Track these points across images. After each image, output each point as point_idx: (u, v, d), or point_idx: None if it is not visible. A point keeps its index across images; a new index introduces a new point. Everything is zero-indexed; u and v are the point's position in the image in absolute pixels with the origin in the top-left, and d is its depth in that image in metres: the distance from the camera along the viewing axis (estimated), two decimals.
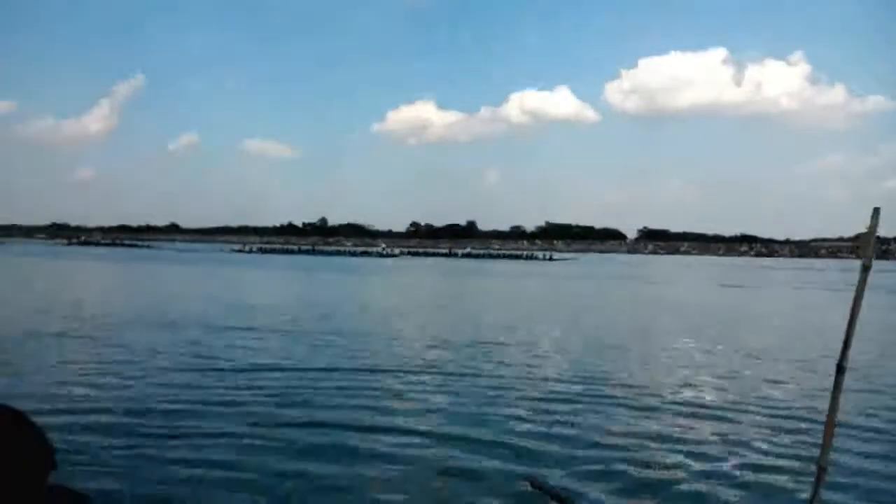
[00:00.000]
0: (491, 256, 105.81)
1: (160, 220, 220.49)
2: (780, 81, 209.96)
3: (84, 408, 8.18)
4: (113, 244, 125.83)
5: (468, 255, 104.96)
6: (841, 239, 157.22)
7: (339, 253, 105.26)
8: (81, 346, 12.90)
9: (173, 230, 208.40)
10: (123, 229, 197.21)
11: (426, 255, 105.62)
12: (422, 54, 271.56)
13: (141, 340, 13.43)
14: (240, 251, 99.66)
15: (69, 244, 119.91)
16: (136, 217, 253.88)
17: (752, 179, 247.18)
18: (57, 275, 39.28)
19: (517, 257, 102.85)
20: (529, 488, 2.26)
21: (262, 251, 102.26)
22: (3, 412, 1.33)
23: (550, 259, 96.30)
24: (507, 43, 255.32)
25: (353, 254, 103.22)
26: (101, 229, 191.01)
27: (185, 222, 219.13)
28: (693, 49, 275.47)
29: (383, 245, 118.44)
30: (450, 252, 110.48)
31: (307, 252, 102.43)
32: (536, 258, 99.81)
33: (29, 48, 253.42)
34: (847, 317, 1.41)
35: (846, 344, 1.36)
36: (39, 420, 1.35)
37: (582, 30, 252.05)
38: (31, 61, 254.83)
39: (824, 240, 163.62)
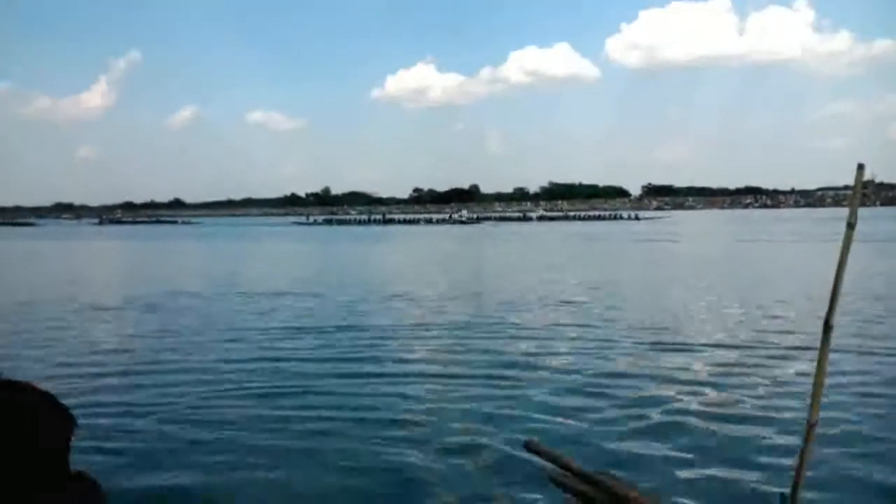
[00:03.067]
0: (568, 218, 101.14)
1: (163, 196, 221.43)
2: (784, 28, 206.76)
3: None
4: (153, 221, 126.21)
5: (542, 218, 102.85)
6: (847, 187, 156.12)
7: (413, 221, 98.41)
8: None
9: (177, 205, 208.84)
10: (128, 206, 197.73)
11: (490, 219, 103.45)
12: (420, 16, 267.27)
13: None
14: (304, 223, 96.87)
15: (101, 223, 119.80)
16: (139, 193, 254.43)
17: (755, 130, 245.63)
18: (177, 257, 37.55)
19: (600, 218, 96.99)
20: (526, 452, 2.28)
21: (330, 223, 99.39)
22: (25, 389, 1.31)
23: (637, 218, 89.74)
24: (505, 1, 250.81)
25: (430, 221, 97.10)
26: (105, 207, 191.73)
27: (188, 197, 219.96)
28: None
29: (464, 212, 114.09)
30: (524, 216, 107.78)
31: (378, 222, 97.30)
32: (622, 218, 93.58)
33: (24, 28, 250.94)
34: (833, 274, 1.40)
35: (833, 302, 1.35)
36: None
37: None
38: (27, 41, 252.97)
39: (829, 188, 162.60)
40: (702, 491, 5.40)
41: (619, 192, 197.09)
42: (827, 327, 1.73)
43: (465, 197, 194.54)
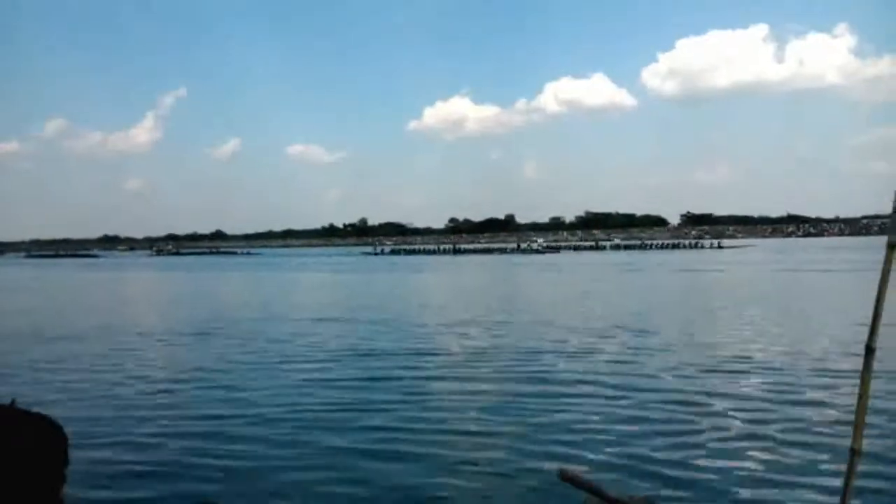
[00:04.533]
0: (644, 247, 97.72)
1: (205, 228, 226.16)
2: (825, 55, 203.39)
3: None
4: (211, 252, 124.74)
5: (617, 247, 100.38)
6: (885, 216, 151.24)
7: (485, 251, 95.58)
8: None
9: (218, 237, 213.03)
10: (171, 238, 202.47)
11: (568, 248, 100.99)
12: (455, 49, 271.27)
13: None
14: (372, 254, 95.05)
15: (158, 254, 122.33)
16: (181, 225, 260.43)
17: (797, 157, 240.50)
18: (265, 286, 37.67)
19: (676, 247, 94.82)
20: (560, 480, 2.25)
21: (395, 252, 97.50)
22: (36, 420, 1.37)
23: (720, 247, 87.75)
24: (540, 32, 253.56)
25: (503, 251, 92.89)
26: (149, 239, 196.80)
27: (229, 229, 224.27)
28: (732, 27, 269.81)
29: (540, 240, 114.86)
30: (596, 245, 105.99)
31: (448, 252, 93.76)
32: (703, 247, 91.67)
33: (75, 65, 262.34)
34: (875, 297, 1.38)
35: (874, 324, 1.34)
36: None
37: (616, 14, 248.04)
38: (79, 78, 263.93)
39: (875, 216, 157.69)
40: None
41: (657, 221, 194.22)
42: (869, 350, 1.69)
43: (501, 226, 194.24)
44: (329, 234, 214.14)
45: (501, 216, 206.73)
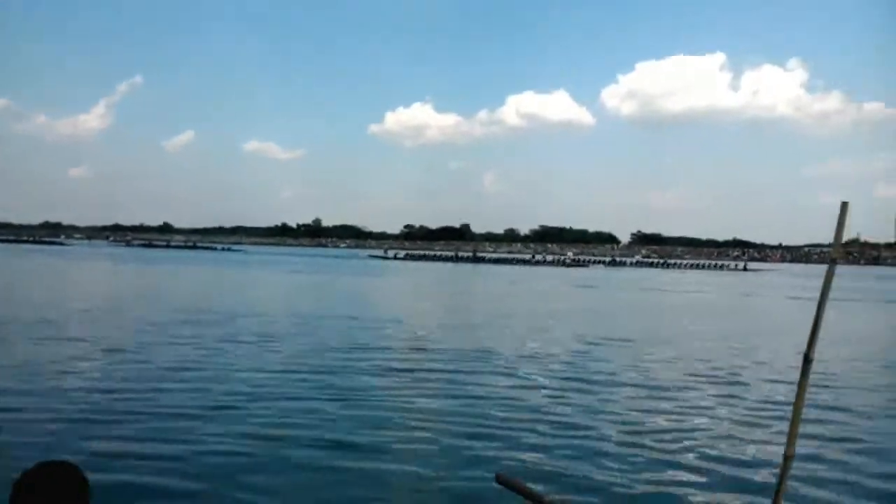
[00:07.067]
0: (668, 266, 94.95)
1: (153, 220, 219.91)
2: (778, 87, 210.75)
3: None
4: (190, 246, 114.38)
5: (639, 264, 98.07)
6: (832, 245, 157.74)
7: (507, 261, 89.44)
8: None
9: (167, 230, 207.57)
10: (116, 228, 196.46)
11: (586, 263, 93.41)
12: (420, 57, 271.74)
13: None
14: (383, 257, 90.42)
15: (127, 245, 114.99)
16: (127, 216, 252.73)
17: (746, 185, 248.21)
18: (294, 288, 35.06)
19: (698, 267, 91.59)
20: (496, 484, 2.26)
21: (409, 258, 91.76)
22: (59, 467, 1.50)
23: (745, 269, 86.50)
24: (505, 45, 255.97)
25: (526, 262, 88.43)
26: (93, 228, 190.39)
27: (178, 221, 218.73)
28: (691, 53, 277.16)
29: (569, 254, 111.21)
30: (613, 260, 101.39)
31: (468, 259, 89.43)
32: (728, 267, 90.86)
33: (28, 48, 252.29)
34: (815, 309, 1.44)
35: (813, 336, 1.40)
36: None
37: (580, 33, 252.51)
38: (28, 60, 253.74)
39: (817, 245, 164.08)
40: None
41: (609, 239, 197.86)
42: (806, 360, 1.77)
43: (456, 236, 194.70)
44: (281, 234, 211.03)
45: (457, 225, 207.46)
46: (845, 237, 1.41)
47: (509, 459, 6.84)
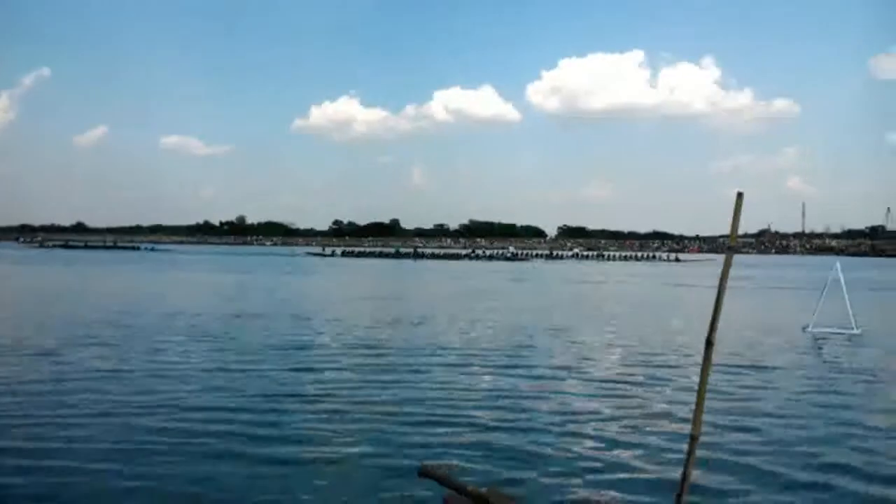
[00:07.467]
0: (602, 258, 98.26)
1: (65, 220, 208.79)
2: (692, 84, 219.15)
3: None
4: (110, 246, 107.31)
5: (578, 257, 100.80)
6: (746, 235, 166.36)
7: (448, 256, 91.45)
8: None
9: (80, 229, 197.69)
10: (26, 228, 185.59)
11: (526, 257, 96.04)
12: (344, 50, 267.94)
13: None
14: (318, 255, 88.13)
15: (41, 247, 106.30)
16: (36, 216, 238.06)
17: (665, 179, 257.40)
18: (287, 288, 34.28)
19: (632, 258, 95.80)
20: (419, 476, 2.29)
21: (347, 254, 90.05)
22: None
23: (678, 261, 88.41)
24: (431, 39, 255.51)
25: (466, 257, 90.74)
26: None
27: (92, 221, 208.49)
28: (611, 51, 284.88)
29: (511, 248, 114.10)
30: (551, 254, 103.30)
31: (406, 255, 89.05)
32: (661, 258, 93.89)
33: None
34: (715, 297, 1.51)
35: (714, 320, 1.47)
36: None
37: (505, 28, 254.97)
38: None
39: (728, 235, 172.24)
40: (595, 499, 5.74)
41: (537, 233, 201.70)
42: (708, 344, 1.87)
43: (386, 231, 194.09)
44: (203, 231, 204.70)
45: (387, 220, 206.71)
46: (756, 227, 1.49)
47: (436, 449, 6.93)
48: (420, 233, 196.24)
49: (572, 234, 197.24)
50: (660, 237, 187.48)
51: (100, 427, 7.61)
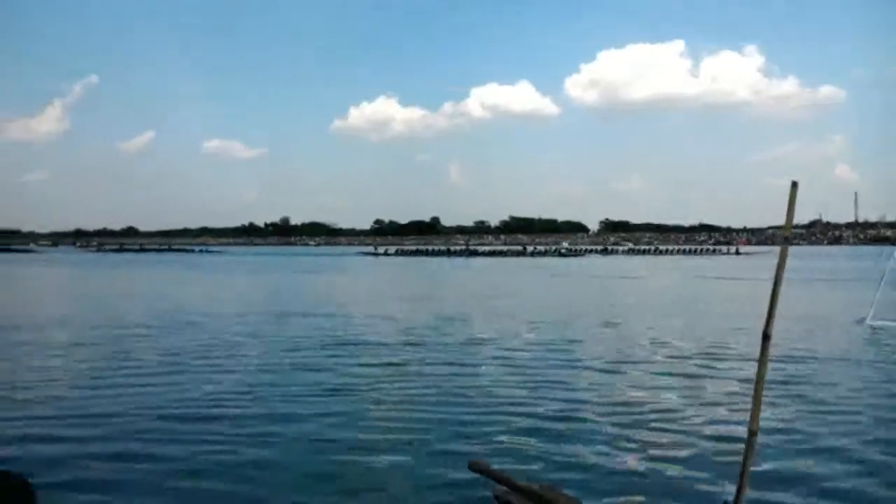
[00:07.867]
0: (659, 252, 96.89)
1: (116, 224, 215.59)
2: (735, 73, 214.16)
3: None
4: (166, 249, 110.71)
5: (631, 252, 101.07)
6: (797, 226, 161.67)
7: (500, 253, 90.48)
8: None
9: (131, 233, 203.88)
10: (79, 233, 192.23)
11: (591, 252, 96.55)
12: (383, 51, 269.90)
13: None
14: (371, 254, 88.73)
15: (98, 251, 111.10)
16: (90, 221, 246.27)
17: (708, 169, 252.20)
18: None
19: (690, 252, 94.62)
20: (470, 470, 2.28)
21: (401, 253, 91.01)
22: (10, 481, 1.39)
23: (738, 253, 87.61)
24: (468, 37, 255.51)
25: (522, 254, 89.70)
26: (55, 234, 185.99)
27: (142, 225, 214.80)
28: (651, 41, 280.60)
29: (565, 244, 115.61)
30: (606, 249, 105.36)
31: (460, 254, 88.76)
32: (721, 252, 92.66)
33: None
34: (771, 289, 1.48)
35: (770, 313, 1.43)
36: None
37: (542, 23, 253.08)
38: None
39: (779, 227, 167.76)
40: (653, 496, 5.61)
41: (578, 228, 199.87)
42: (765, 337, 1.81)
43: (426, 229, 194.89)
44: (248, 233, 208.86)
45: (427, 219, 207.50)
46: (806, 218, 1.45)
47: (485, 445, 6.91)
48: (461, 230, 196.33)
49: (615, 228, 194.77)
50: (706, 230, 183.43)
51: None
